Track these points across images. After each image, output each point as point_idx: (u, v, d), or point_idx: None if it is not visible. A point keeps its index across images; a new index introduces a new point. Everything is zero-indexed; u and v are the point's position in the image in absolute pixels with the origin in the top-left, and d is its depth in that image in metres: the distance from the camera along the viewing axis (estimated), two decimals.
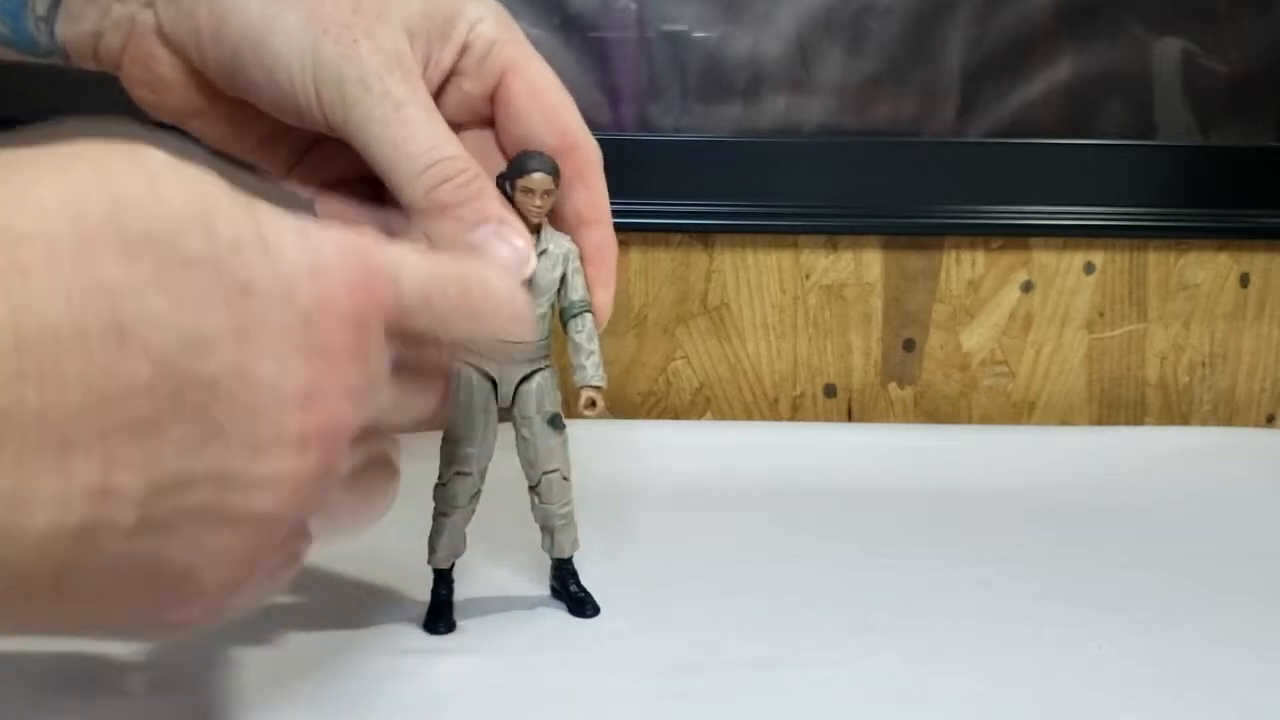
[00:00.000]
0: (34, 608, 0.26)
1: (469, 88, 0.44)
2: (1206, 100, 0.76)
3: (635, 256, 0.75)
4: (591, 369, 0.45)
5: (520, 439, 0.45)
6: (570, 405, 0.45)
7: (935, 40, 0.75)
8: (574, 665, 0.43)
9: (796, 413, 0.77)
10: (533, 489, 0.46)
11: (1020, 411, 0.78)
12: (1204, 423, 0.78)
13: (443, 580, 0.47)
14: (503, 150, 0.45)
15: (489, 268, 0.36)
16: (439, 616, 0.46)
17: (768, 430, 0.72)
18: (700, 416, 0.77)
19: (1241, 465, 0.67)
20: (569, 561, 0.48)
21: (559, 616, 0.47)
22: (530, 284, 0.42)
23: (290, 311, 0.28)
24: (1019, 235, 0.76)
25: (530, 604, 0.48)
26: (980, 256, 0.77)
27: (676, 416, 0.77)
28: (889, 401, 0.78)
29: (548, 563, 0.49)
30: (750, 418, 0.77)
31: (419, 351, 0.34)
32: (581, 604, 0.48)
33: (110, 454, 0.25)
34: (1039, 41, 0.75)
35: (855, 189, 0.74)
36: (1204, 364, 0.78)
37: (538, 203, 0.42)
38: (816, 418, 0.77)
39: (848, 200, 0.74)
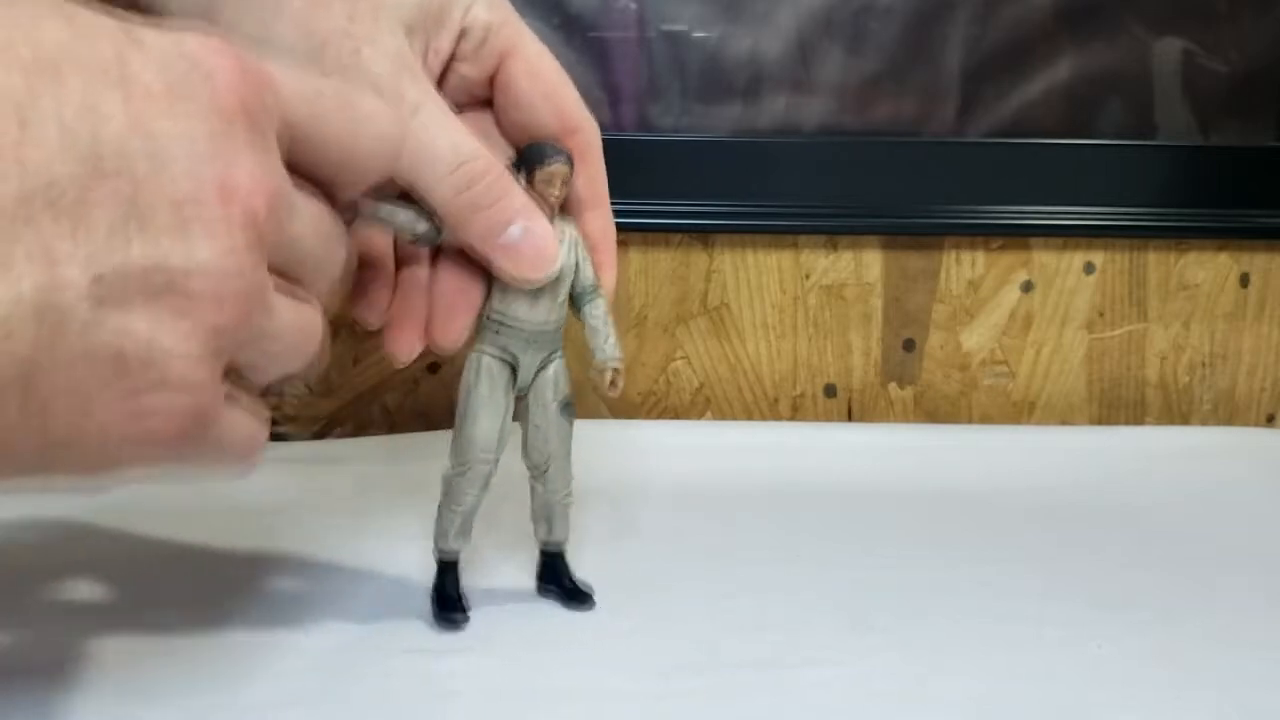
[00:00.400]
0: (12, 427, 0.27)
1: (467, 72, 0.44)
2: (1206, 100, 0.76)
3: (635, 256, 0.75)
4: (610, 348, 0.45)
5: (532, 427, 0.45)
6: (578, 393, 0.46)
7: (935, 40, 0.75)
8: (574, 665, 0.43)
9: (796, 413, 0.77)
10: (537, 477, 0.46)
11: (1020, 411, 0.78)
12: (1204, 423, 0.78)
13: (451, 571, 0.46)
14: (503, 132, 0.45)
15: (361, 90, 0.35)
16: (453, 607, 0.46)
17: (768, 430, 0.72)
18: (700, 416, 0.77)
19: (1241, 465, 0.67)
20: (563, 555, 0.48)
21: (557, 615, 0.47)
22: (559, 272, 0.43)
23: (173, 77, 0.28)
24: (1019, 235, 0.76)
25: (525, 601, 0.48)
26: (980, 256, 0.77)
27: (676, 416, 0.77)
28: (889, 401, 0.78)
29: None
30: (750, 418, 0.77)
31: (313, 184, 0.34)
32: (580, 596, 0.48)
33: (45, 243, 0.26)
34: (1039, 41, 0.75)
35: (855, 189, 0.74)
36: (1204, 364, 0.78)
37: (557, 192, 0.43)
38: (816, 418, 0.77)
39: (848, 200, 0.74)
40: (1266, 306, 0.78)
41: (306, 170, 0.33)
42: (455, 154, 0.40)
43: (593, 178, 0.45)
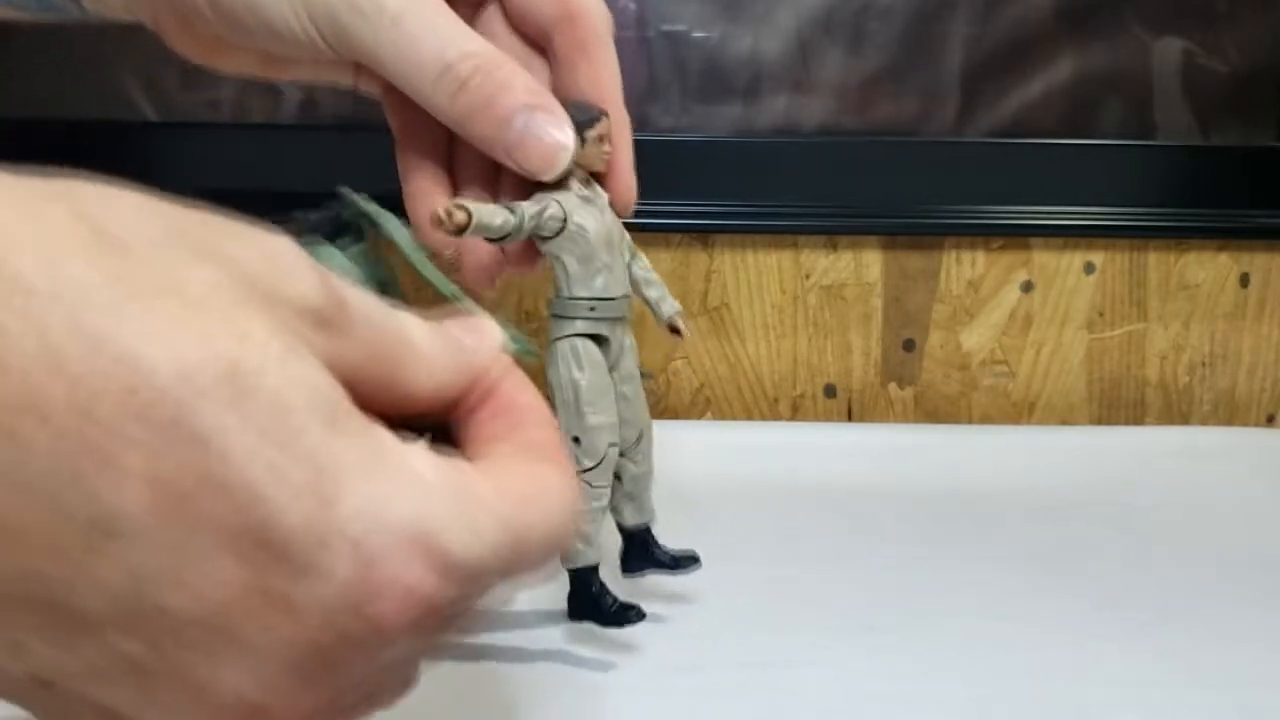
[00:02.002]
0: None
1: None
2: (1206, 100, 0.76)
3: None
4: (670, 299, 0.45)
5: (621, 399, 0.43)
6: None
7: (935, 40, 0.75)
8: (573, 664, 0.43)
9: (796, 413, 0.77)
10: (628, 452, 0.44)
11: (1020, 411, 0.78)
12: (1204, 423, 0.78)
13: (595, 576, 0.44)
14: (511, 25, 0.42)
15: (552, 506, 0.25)
16: (625, 606, 0.44)
17: (768, 430, 0.72)
18: (700, 416, 0.77)
19: (1241, 465, 0.67)
20: (651, 529, 0.46)
21: (556, 615, 0.47)
22: (609, 237, 0.42)
23: (304, 589, 0.21)
24: (1019, 235, 0.76)
25: (521, 601, 0.48)
26: (980, 256, 0.77)
27: (676, 416, 0.77)
28: (889, 401, 0.78)
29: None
30: (750, 418, 0.77)
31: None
32: (686, 559, 0.46)
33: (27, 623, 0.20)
34: (1039, 41, 0.75)
35: (855, 189, 0.74)
36: (1204, 364, 0.78)
37: (607, 148, 0.41)
38: (816, 418, 0.77)
39: (848, 200, 0.74)
40: (1266, 306, 0.78)
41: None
42: (440, 59, 0.37)
43: (597, 71, 0.41)
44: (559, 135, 0.39)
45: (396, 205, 0.40)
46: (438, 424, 0.27)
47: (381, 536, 0.21)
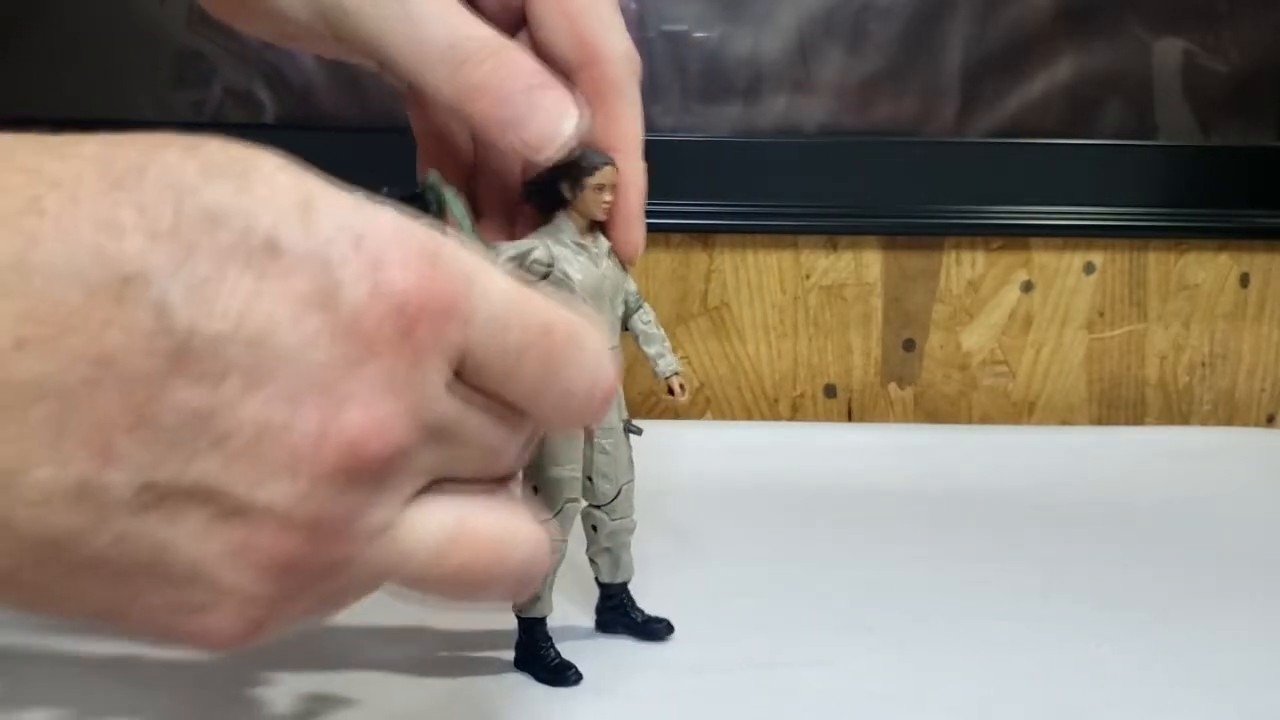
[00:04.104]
0: (54, 588, 0.25)
1: None
2: (1207, 100, 0.76)
3: None
4: (669, 355, 0.44)
5: (600, 453, 0.43)
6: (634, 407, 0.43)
7: (935, 40, 0.75)
8: (573, 664, 0.43)
9: (796, 413, 0.77)
10: (601, 507, 0.44)
11: (1020, 411, 0.78)
12: (1204, 423, 0.78)
13: (542, 627, 0.43)
14: (539, 58, 0.39)
15: (581, 321, 0.28)
16: (564, 667, 0.43)
17: (768, 430, 0.72)
18: (700, 416, 0.77)
19: (1241, 465, 0.67)
20: (627, 588, 0.46)
21: (555, 615, 0.47)
22: (598, 288, 0.41)
23: (323, 278, 0.24)
24: (1019, 235, 0.76)
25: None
26: (980, 256, 0.77)
27: (676, 416, 0.77)
28: (889, 401, 0.78)
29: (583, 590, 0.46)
30: (750, 418, 0.77)
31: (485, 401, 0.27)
32: (657, 627, 0.46)
33: (108, 413, 0.23)
34: (1039, 41, 0.75)
35: (855, 189, 0.74)
36: (1204, 364, 0.78)
37: (608, 197, 0.40)
38: (816, 418, 0.77)
39: (848, 200, 0.74)
40: (1266, 306, 0.78)
41: (482, 390, 0.27)
42: (445, 40, 0.36)
43: (612, 122, 0.39)
44: (559, 111, 0.36)
45: None
46: None
47: (384, 232, 0.25)
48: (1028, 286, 0.77)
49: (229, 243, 0.23)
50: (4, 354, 0.22)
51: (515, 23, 0.40)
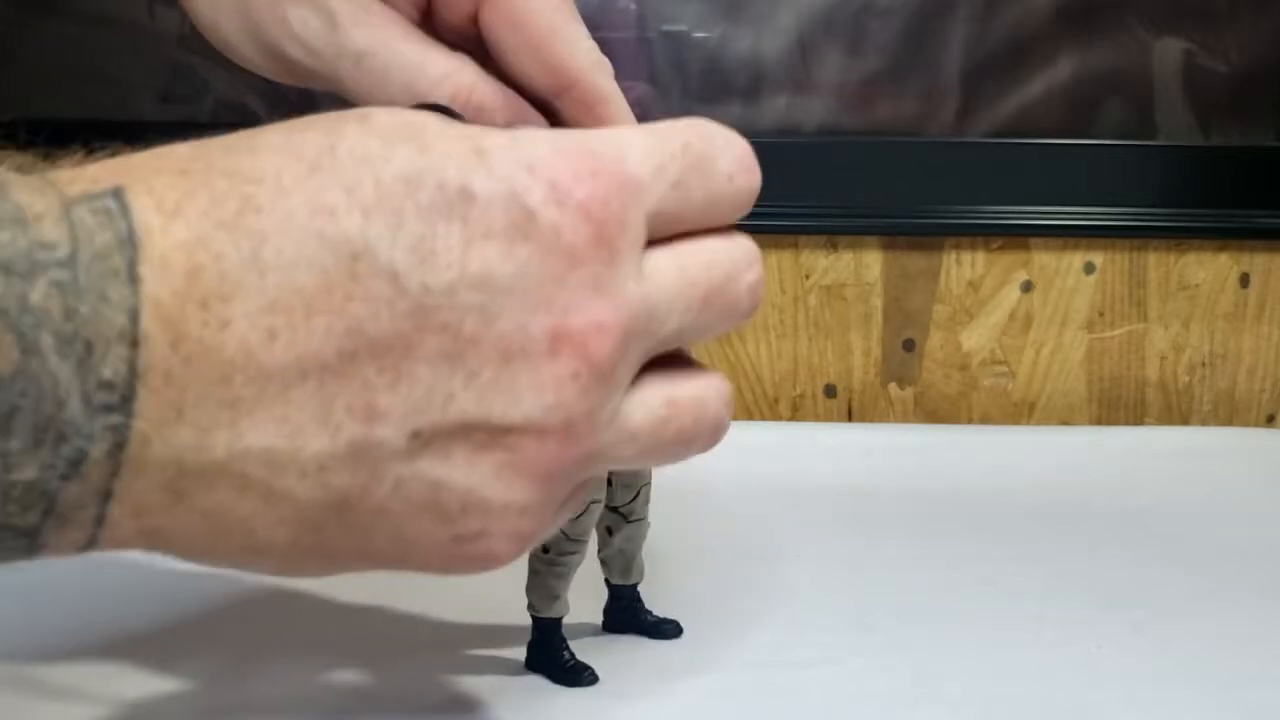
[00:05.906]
0: (331, 548, 0.27)
1: (447, 16, 0.38)
2: (1207, 100, 0.76)
3: None
4: None
5: None
6: None
7: (935, 40, 0.75)
8: None
9: (796, 413, 0.77)
10: (620, 509, 0.44)
11: (1020, 411, 0.78)
12: (1204, 423, 0.78)
13: (558, 630, 0.43)
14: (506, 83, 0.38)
15: (689, 120, 0.32)
16: (581, 669, 0.42)
17: (768, 430, 0.72)
18: None
19: (1241, 465, 0.67)
20: (636, 588, 0.46)
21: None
22: None
23: (517, 210, 0.26)
24: (1019, 235, 0.76)
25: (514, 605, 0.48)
26: (980, 256, 0.77)
27: None
28: (889, 401, 0.78)
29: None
30: (750, 418, 0.77)
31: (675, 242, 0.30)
32: (667, 627, 0.45)
33: (365, 377, 0.25)
34: (1039, 41, 0.75)
35: (855, 189, 0.74)
36: (1204, 364, 0.78)
37: None
38: (816, 418, 0.77)
39: (848, 200, 0.74)
40: (1266, 306, 0.78)
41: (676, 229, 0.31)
42: (408, 94, 0.35)
43: (608, 124, 0.38)
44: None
45: None
46: None
47: (546, 154, 0.27)
48: (1028, 286, 0.77)
49: (428, 200, 0.26)
50: (259, 347, 0.24)
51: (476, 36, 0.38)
